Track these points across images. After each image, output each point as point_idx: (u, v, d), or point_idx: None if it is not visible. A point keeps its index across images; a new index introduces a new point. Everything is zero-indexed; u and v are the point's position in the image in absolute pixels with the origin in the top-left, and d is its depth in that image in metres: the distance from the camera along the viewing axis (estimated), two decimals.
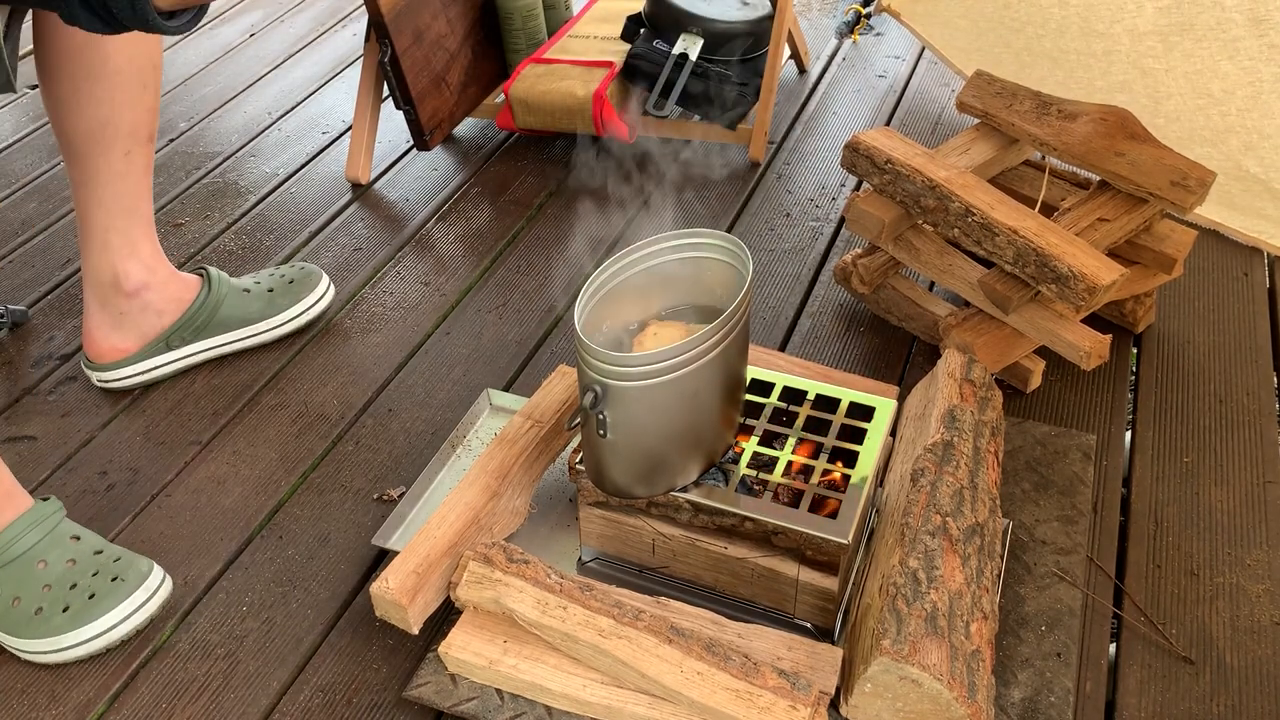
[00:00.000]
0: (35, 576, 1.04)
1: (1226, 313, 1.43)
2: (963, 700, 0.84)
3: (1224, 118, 1.55)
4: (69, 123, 1.20)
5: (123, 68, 1.18)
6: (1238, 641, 1.02)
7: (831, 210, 1.68)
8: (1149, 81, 1.61)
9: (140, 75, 1.20)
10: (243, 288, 1.40)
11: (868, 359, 1.38)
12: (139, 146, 1.24)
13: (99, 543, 1.08)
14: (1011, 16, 1.79)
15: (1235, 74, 1.52)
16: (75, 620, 1.02)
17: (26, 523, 1.05)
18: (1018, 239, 1.19)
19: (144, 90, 1.21)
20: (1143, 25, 1.60)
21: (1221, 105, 1.54)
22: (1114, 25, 1.64)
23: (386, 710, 0.98)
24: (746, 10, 1.83)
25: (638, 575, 1.07)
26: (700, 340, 0.89)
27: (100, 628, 1.03)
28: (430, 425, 1.30)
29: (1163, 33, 1.57)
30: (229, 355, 1.41)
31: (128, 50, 1.18)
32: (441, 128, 1.76)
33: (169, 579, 1.09)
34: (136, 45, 1.18)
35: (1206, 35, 1.52)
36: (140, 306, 1.32)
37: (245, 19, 2.46)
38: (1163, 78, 1.58)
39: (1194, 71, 1.55)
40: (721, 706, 0.88)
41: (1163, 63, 1.57)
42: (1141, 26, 1.60)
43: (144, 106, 1.22)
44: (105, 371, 1.34)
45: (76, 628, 1.02)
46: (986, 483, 1.02)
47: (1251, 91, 1.51)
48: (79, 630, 1.02)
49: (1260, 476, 1.19)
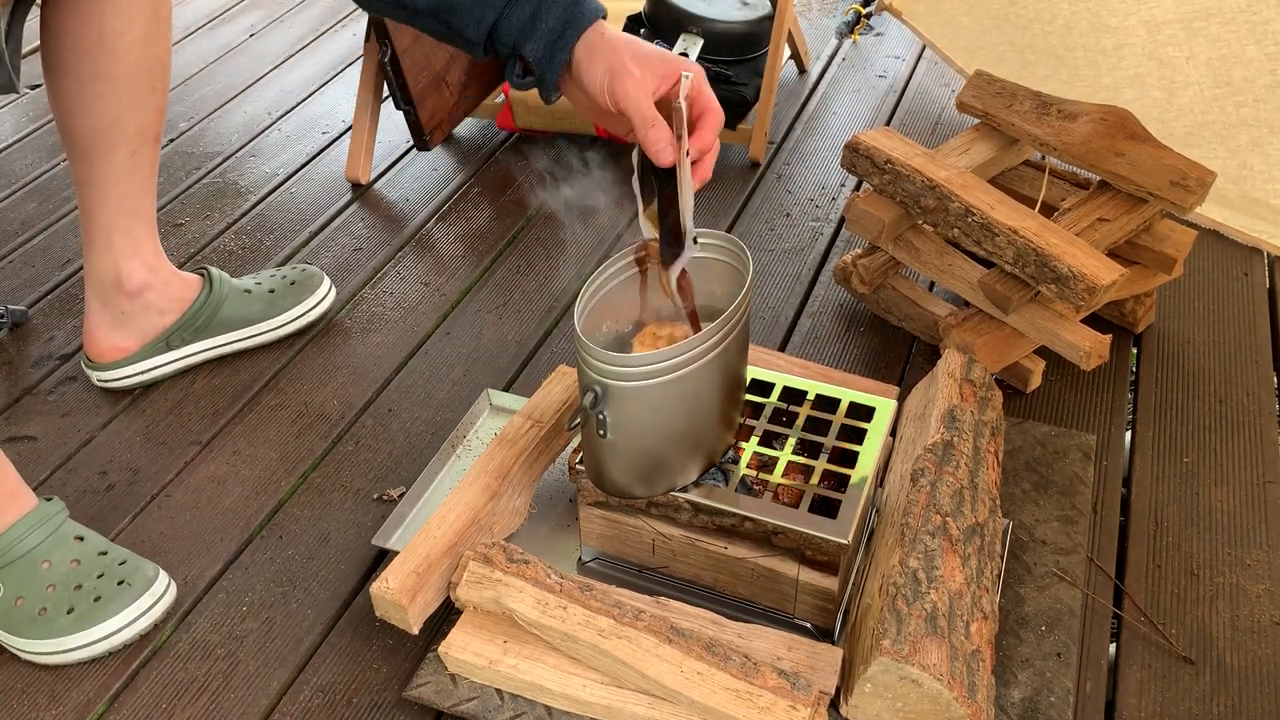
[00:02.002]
0: (39, 577, 1.04)
1: (1226, 313, 1.43)
2: (963, 700, 0.84)
3: (1238, 109, 1.55)
4: (76, 122, 1.20)
5: (133, 69, 1.18)
6: (1238, 641, 1.02)
7: (831, 210, 1.68)
8: (1166, 72, 1.61)
9: (150, 76, 1.20)
10: (244, 288, 1.40)
11: (868, 359, 1.38)
12: (145, 146, 1.24)
13: (103, 544, 1.08)
14: (1018, 13, 1.79)
15: (1259, 59, 1.52)
16: (81, 622, 1.02)
17: (30, 522, 1.05)
18: (1018, 239, 1.19)
19: (152, 91, 1.21)
20: (1161, 15, 1.60)
21: (1239, 95, 1.55)
22: (1129, 18, 1.64)
23: (386, 710, 0.98)
24: (746, 10, 1.83)
25: (638, 575, 1.07)
26: (700, 340, 0.89)
27: (105, 630, 1.02)
28: (430, 425, 1.30)
29: (1185, 19, 1.57)
30: (229, 355, 1.41)
31: (139, 51, 1.17)
32: (441, 128, 1.76)
33: (174, 584, 1.09)
34: (148, 46, 1.18)
35: (1236, 18, 1.53)
36: (142, 306, 1.32)
37: (245, 19, 2.46)
38: (1183, 66, 1.59)
39: (1217, 57, 1.56)
40: (721, 706, 0.88)
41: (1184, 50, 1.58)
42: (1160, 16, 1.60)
43: (152, 107, 1.22)
44: (105, 371, 1.34)
45: (82, 630, 1.02)
46: (986, 483, 1.02)
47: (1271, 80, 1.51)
48: (84, 632, 1.02)
49: (1260, 476, 1.19)
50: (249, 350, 1.41)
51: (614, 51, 0.89)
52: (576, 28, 0.89)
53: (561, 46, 0.89)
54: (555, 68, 0.90)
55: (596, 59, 0.89)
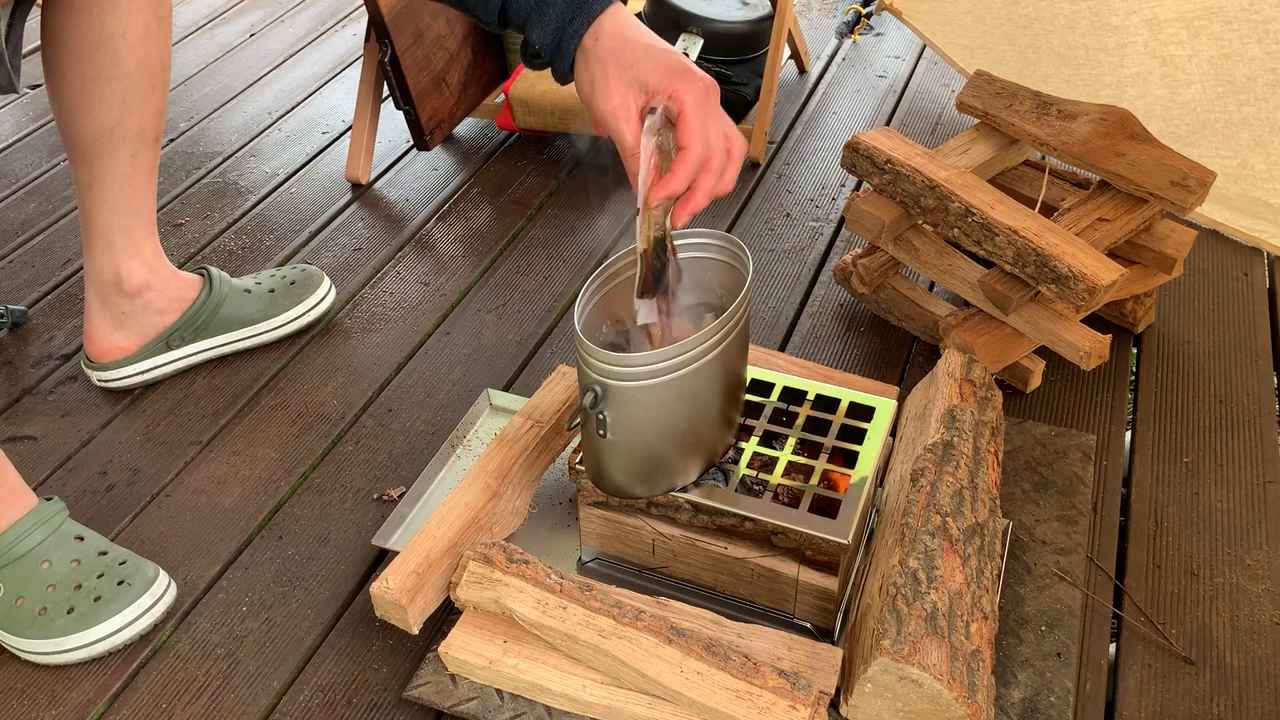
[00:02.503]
0: (39, 576, 1.04)
1: (1226, 313, 1.43)
2: (963, 700, 0.84)
3: (1240, 108, 1.55)
4: (77, 123, 1.20)
5: (134, 70, 1.18)
6: (1238, 641, 1.02)
7: (831, 210, 1.68)
8: (1168, 70, 1.61)
9: (150, 77, 1.20)
10: (244, 288, 1.40)
11: (868, 359, 1.38)
12: (146, 147, 1.24)
13: (103, 544, 1.08)
14: (1019, 12, 1.79)
15: (1261, 58, 1.52)
16: (81, 622, 1.02)
17: (30, 522, 1.05)
18: (1018, 239, 1.19)
19: (153, 92, 1.21)
20: (1163, 14, 1.60)
21: (1241, 94, 1.55)
22: (1130, 17, 1.64)
23: (386, 710, 0.98)
24: (746, 10, 1.83)
25: (638, 575, 1.07)
26: (700, 340, 0.89)
27: (105, 631, 1.02)
28: (430, 425, 1.30)
29: (1187, 18, 1.57)
30: (229, 355, 1.41)
31: (140, 52, 1.17)
32: (441, 128, 1.76)
33: (174, 584, 1.09)
34: (148, 47, 1.18)
35: (1238, 17, 1.53)
36: (142, 306, 1.32)
37: (245, 19, 2.46)
38: (1185, 64, 1.59)
39: (1219, 56, 1.56)
40: (721, 706, 0.88)
41: (1187, 48, 1.58)
42: (1162, 15, 1.60)
43: (153, 108, 1.22)
44: (105, 371, 1.34)
45: (82, 630, 1.02)
46: (986, 483, 1.02)
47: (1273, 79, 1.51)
48: (85, 633, 1.02)
49: (1260, 476, 1.19)
50: (249, 350, 1.41)
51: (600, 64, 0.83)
52: (587, 15, 0.84)
53: (571, 35, 0.84)
54: (566, 55, 0.86)
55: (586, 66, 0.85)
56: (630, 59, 0.83)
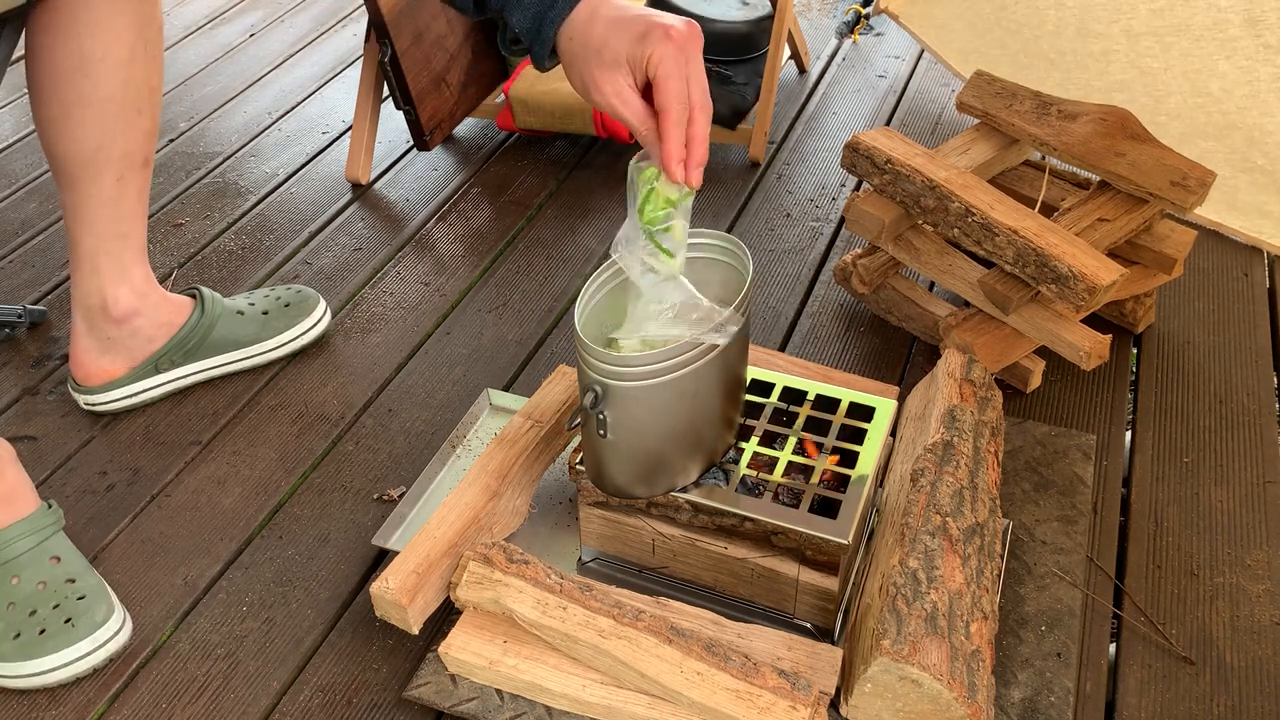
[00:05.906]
0: (4, 592, 1.02)
1: (1226, 313, 1.43)
2: (963, 700, 0.84)
3: (1224, 115, 1.55)
4: (59, 146, 1.15)
5: (115, 94, 1.13)
6: (1238, 641, 1.02)
7: (831, 210, 1.68)
8: (1148, 80, 1.61)
9: (135, 100, 1.15)
10: (236, 309, 1.37)
11: (868, 359, 1.38)
12: (132, 172, 1.19)
13: (76, 569, 1.05)
14: (1008, 18, 1.79)
15: (1233, 73, 1.52)
16: (21, 652, 0.99)
17: (19, 531, 1.03)
18: (1018, 239, 1.19)
19: (139, 115, 1.16)
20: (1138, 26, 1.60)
21: (1221, 104, 1.55)
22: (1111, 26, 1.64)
23: (386, 710, 0.98)
24: (746, 10, 1.83)
25: (638, 575, 1.07)
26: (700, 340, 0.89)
27: (36, 669, 0.99)
28: (430, 425, 1.30)
29: (1158, 33, 1.58)
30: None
31: (123, 75, 1.13)
32: (441, 128, 1.76)
33: (128, 625, 1.05)
34: (132, 70, 1.13)
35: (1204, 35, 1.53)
36: (130, 332, 1.28)
37: (245, 19, 2.46)
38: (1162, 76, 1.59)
39: (1193, 70, 1.56)
40: (721, 706, 0.88)
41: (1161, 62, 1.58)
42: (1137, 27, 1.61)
43: (139, 130, 1.17)
44: (93, 395, 1.31)
45: (20, 660, 0.99)
46: (986, 483, 1.02)
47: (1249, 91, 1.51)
48: (20, 664, 0.99)
49: (1260, 476, 1.19)
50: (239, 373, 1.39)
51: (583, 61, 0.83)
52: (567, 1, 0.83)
53: (551, 20, 0.84)
54: (546, 40, 0.85)
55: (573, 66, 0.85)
56: (599, 41, 0.82)
